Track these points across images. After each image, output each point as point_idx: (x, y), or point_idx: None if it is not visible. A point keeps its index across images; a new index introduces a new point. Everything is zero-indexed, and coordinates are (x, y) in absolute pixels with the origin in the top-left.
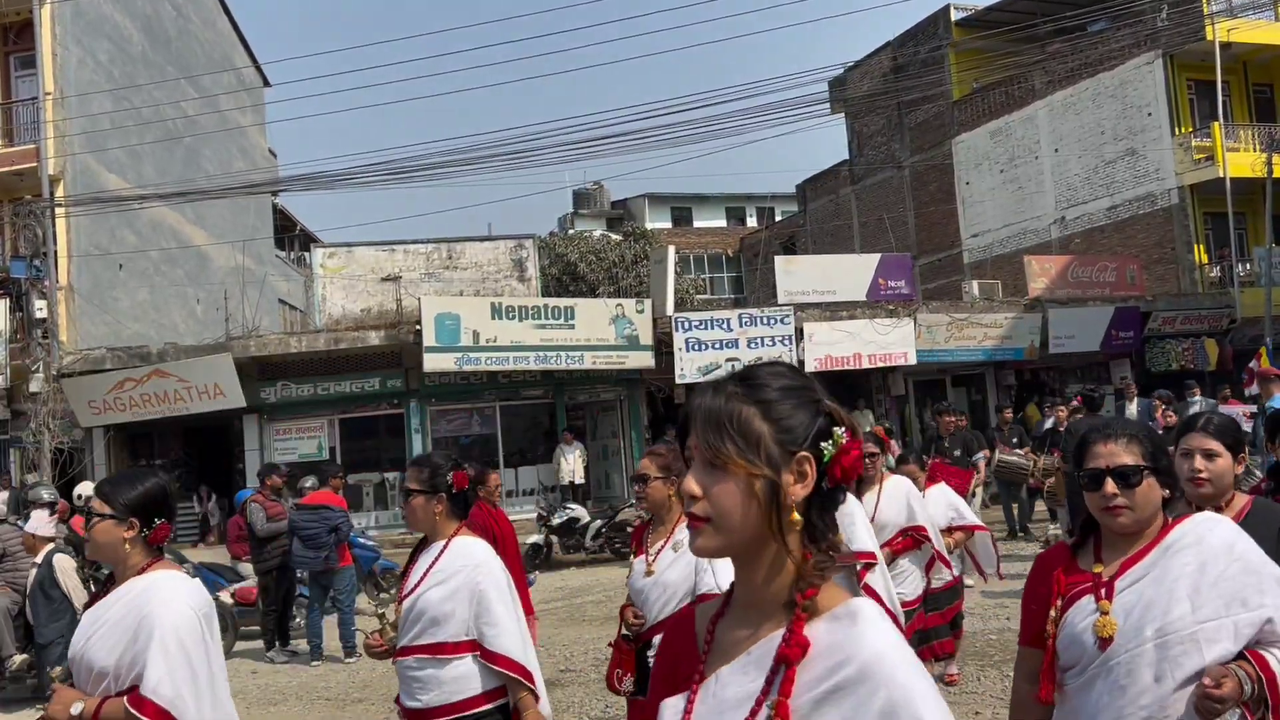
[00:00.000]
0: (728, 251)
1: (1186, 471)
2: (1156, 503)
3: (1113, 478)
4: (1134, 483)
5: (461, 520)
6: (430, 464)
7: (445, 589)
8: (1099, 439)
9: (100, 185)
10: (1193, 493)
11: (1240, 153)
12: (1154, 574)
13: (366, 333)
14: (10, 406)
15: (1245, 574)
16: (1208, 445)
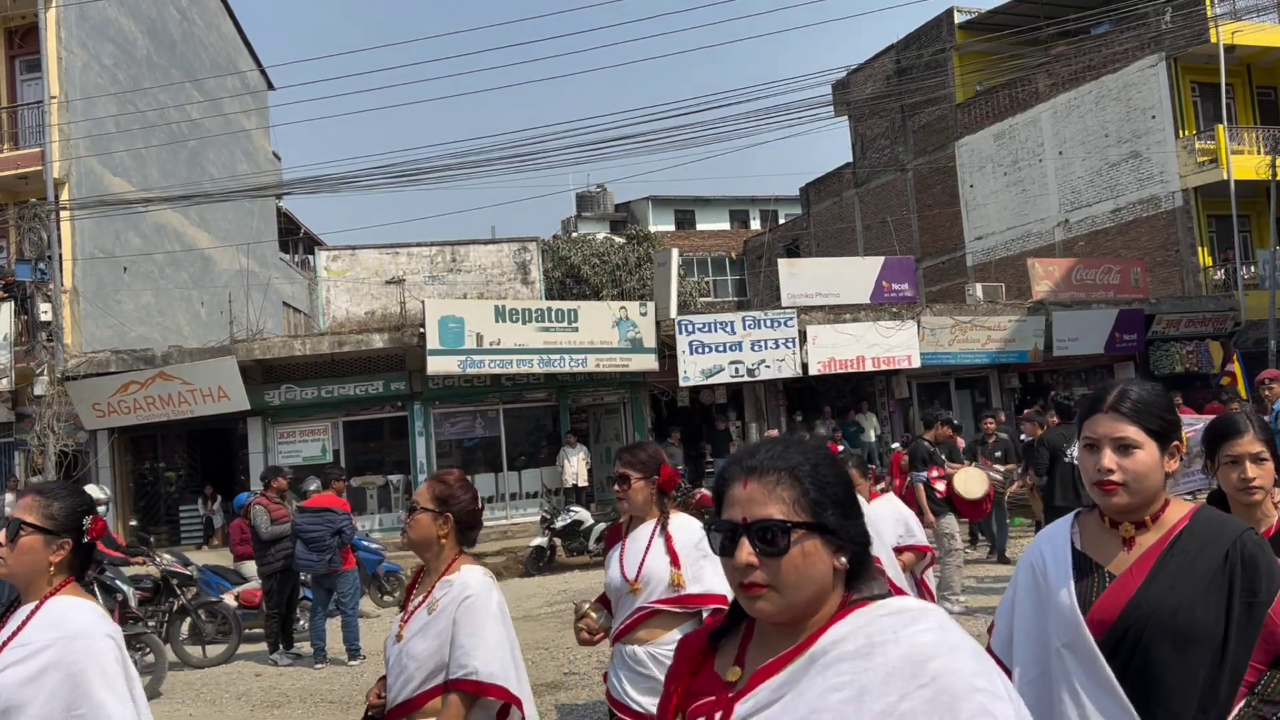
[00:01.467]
0: (731, 254)
1: (1092, 472)
2: (814, 577)
3: (749, 536)
4: (774, 550)
5: None
6: None
7: None
8: (734, 478)
9: (105, 188)
10: (1103, 502)
11: (1244, 155)
12: (787, 699)
13: (370, 335)
14: (15, 409)
15: (935, 711)
16: (1121, 432)
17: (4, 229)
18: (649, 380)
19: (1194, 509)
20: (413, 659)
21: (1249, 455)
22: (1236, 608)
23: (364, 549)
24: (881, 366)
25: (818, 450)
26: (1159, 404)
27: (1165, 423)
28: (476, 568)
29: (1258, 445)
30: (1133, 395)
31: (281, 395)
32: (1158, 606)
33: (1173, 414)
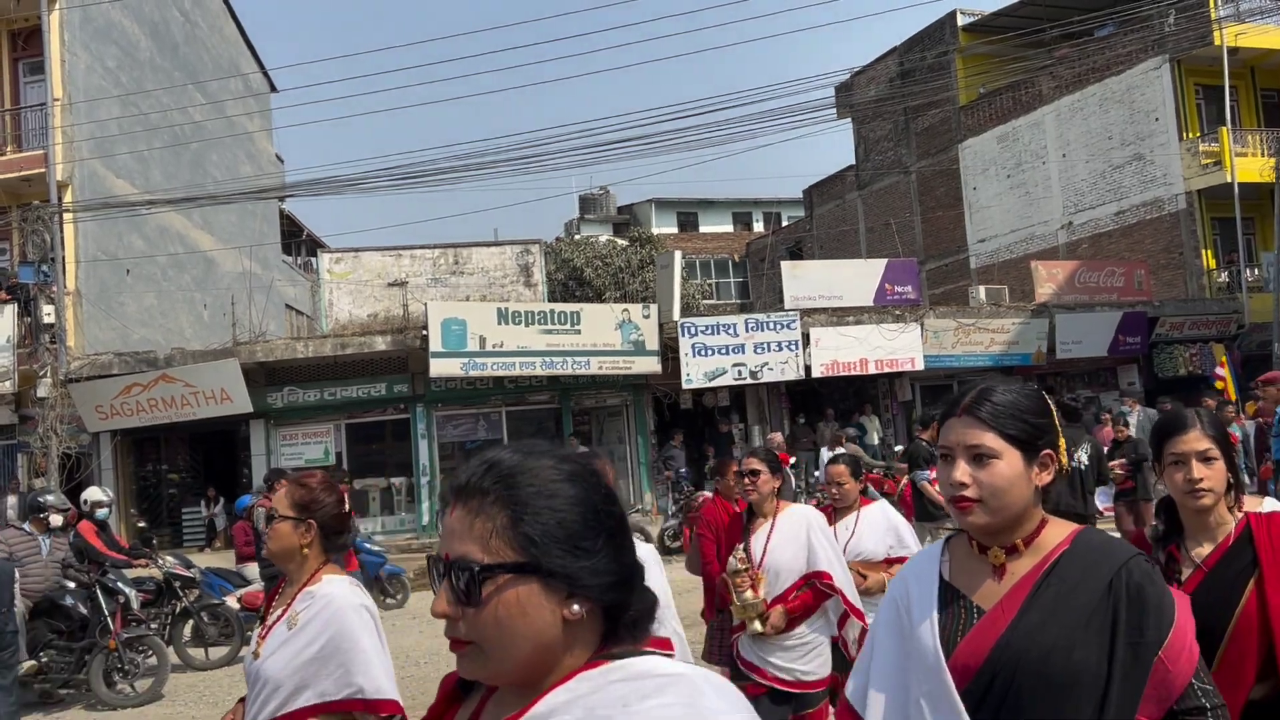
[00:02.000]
0: (734, 256)
1: (945, 486)
2: (526, 633)
3: None
4: (468, 599)
5: None
6: None
7: None
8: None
9: (108, 190)
10: (960, 521)
11: (1248, 158)
12: None
13: (373, 338)
14: (18, 411)
15: None
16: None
17: (7, 231)
18: (652, 383)
19: (1076, 531)
20: (270, 678)
21: (1195, 453)
22: (1120, 649)
23: (367, 552)
24: (884, 369)
25: (559, 463)
26: (1023, 406)
27: (1030, 428)
28: (341, 577)
29: (1205, 442)
30: (992, 397)
31: (284, 397)
32: (1028, 647)
33: (1042, 418)
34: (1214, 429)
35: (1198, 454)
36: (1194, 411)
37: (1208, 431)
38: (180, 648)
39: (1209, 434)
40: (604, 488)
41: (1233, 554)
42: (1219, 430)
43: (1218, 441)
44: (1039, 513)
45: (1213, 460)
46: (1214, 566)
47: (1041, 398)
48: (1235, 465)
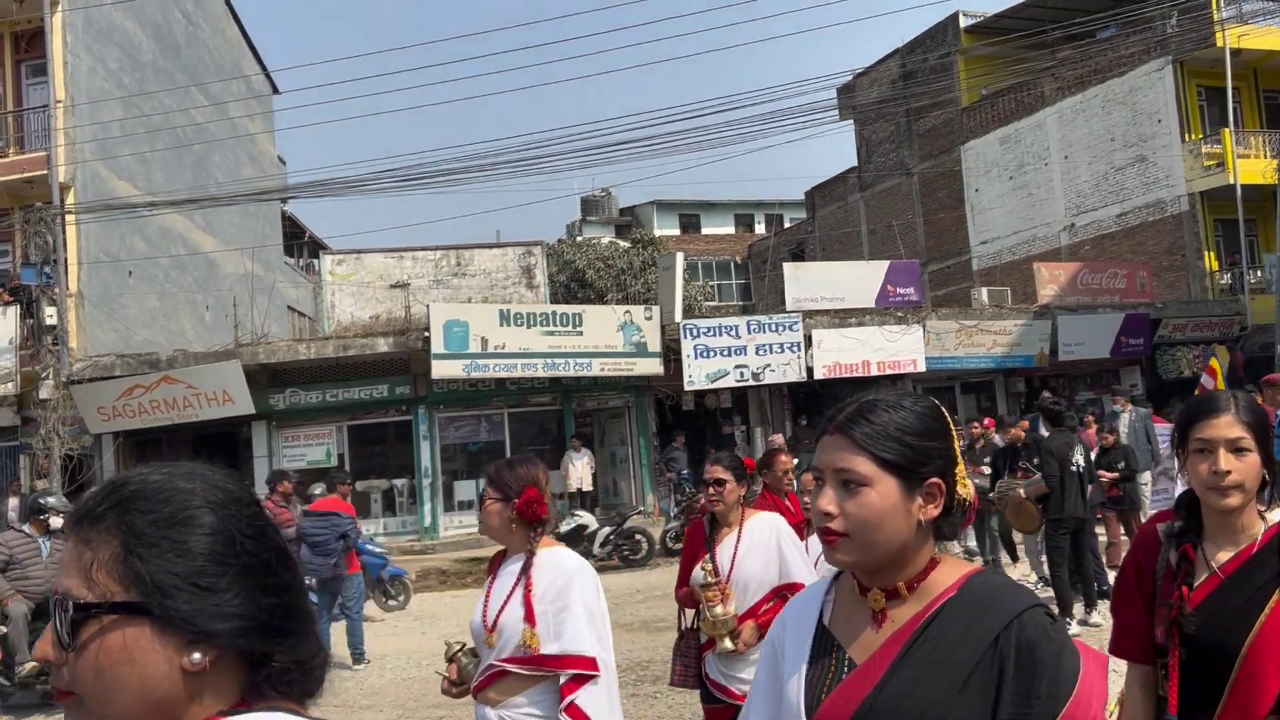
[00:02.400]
0: (736, 258)
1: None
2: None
3: None
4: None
5: None
6: None
7: None
8: None
9: (110, 192)
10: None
11: (1251, 159)
12: None
13: (375, 339)
14: (20, 413)
15: None
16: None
17: (9, 233)
18: (653, 384)
19: (968, 574)
20: None
21: (1224, 441)
22: (1004, 716)
23: (369, 553)
24: (886, 371)
25: (204, 488)
26: (908, 426)
27: (912, 452)
28: None
29: (1238, 430)
30: (871, 414)
31: (286, 399)
32: (895, 709)
33: (930, 440)
34: (1251, 415)
35: (1228, 442)
36: (1230, 394)
37: (1242, 417)
38: None
39: (1244, 420)
40: (253, 519)
41: (1257, 562)
42: (1257, 418)
43: (1254, 430)
44: (927, 551)
45: (1245, 452)
46: (1232, 574)
47: (934, 416)
48: (1274, 461)
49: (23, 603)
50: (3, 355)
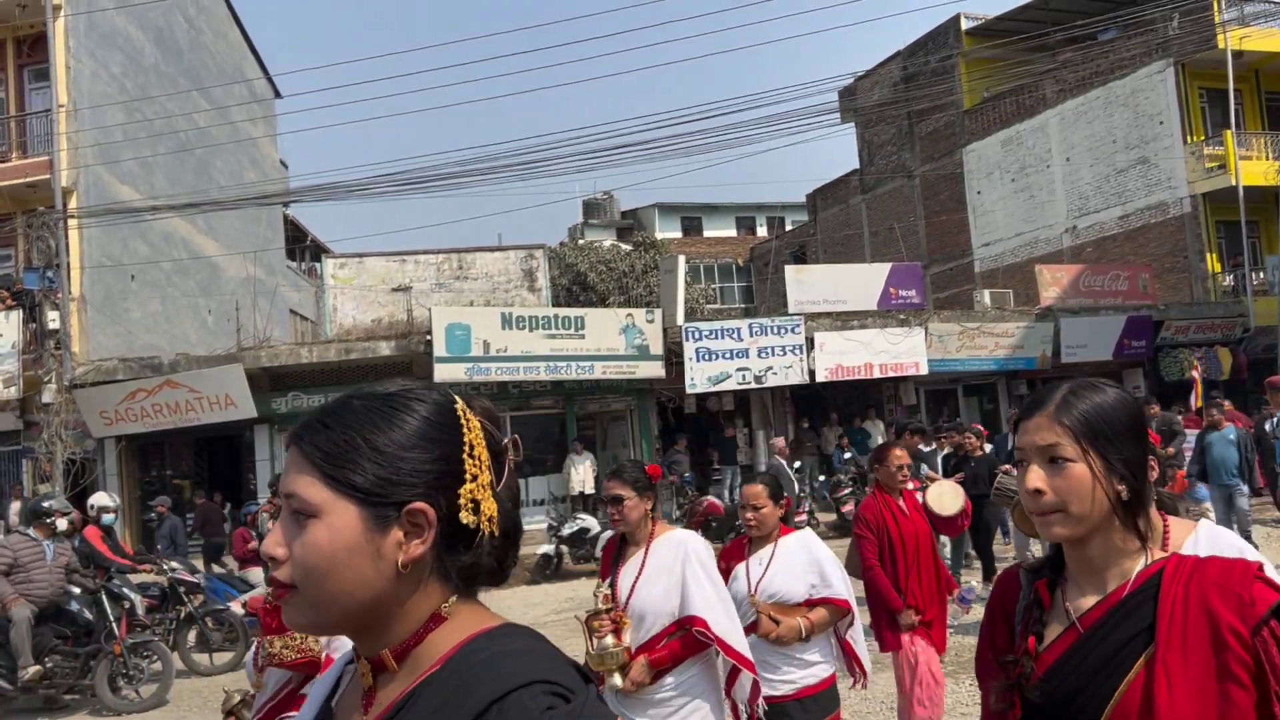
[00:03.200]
0: (738, 261)
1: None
2: None
3: None
4: None
5: None
6: None
7: None
8: None
9: (112, 196)
10: None
11: (1253, 161)
12: None
13: (377, 343)
14: (23, 417)
15: None
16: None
17: (12, 237)
18: (656, 387)
19: (469, 637)
20: None
21: (1035, 450)
22: None
23: None
24: (889, 373)
25: None
26: (376, 441)
27: (380, 469)
28: None
29: (1051, 434)
30: (330, 417)
31: (288, 403)
32: None
33: (409, 449)
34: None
35: (1039, 451)
36: (1066, 386)
37: (1062, 417)
38: (185, 653)
39: (1063, 421)
40: None
41: (1124, 612)
42: (1089, 418)
43: (1078, 434)
44: (425, 605)
45: (1063, 463)
46: (1093, 627)
47: (434, 415)
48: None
49: (26, 606)
50: (5, 359)
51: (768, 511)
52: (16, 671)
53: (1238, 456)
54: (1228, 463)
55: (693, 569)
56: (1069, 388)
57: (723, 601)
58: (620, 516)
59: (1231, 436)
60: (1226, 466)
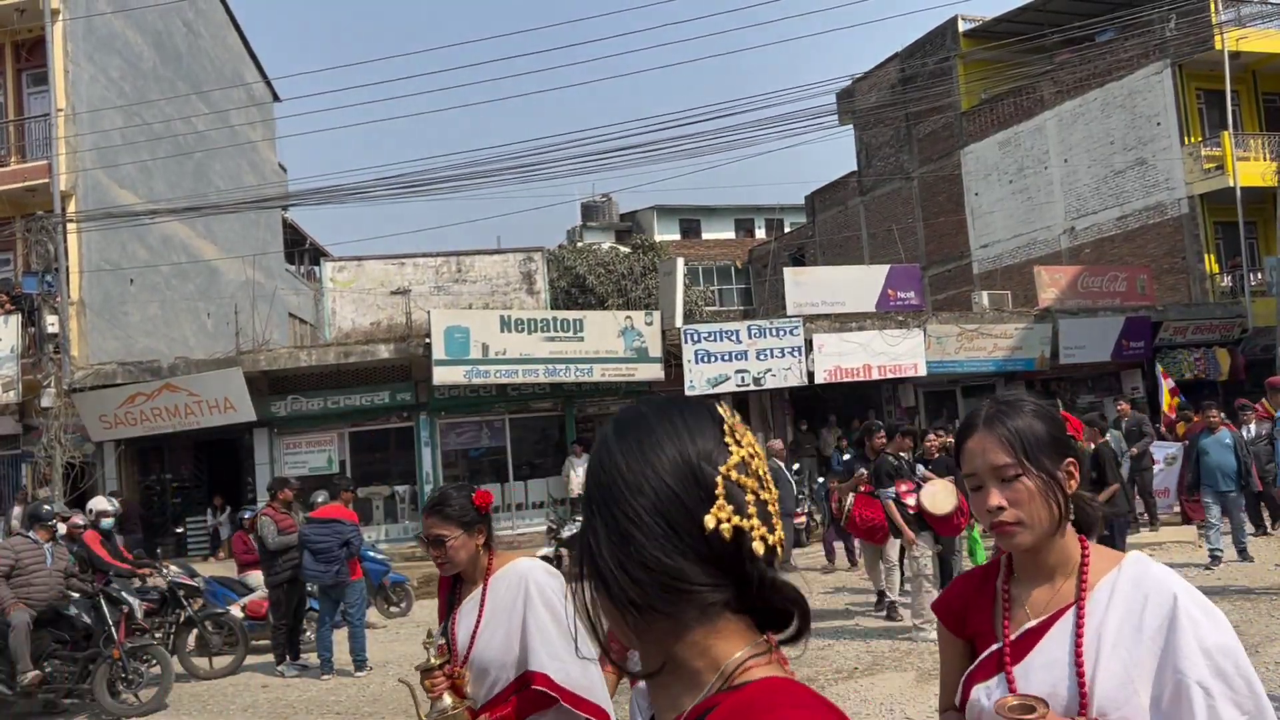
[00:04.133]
0: (736, 263)
1: None
2: None
3: None
4: None
5: None
6: None
7: None
8: None
9: (111, 200)
10: None
11: (1250, 162)
12: None
13: (376, 346)
14: (22, 421)
15: None
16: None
17: (11, 241)
18: (655, 389)
19: None
20: None
21: (988, 470)
22: None
23: (371, 560)
24: (888, 375)
25: None
26: None
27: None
28: None
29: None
30: None
31: (288, 406)
32: None
33: None
34: (1014, 434)
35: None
36: (994, 403)
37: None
38: (184, 657)
39: (1003, 437)
40: None
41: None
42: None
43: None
44: None
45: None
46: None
47: None
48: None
49: (25, 611)
50: (5, 364)
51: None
52: (15, 676)
53: (1235, 462)
54: (1225, 468)
55: (534, 610)
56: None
57: (567, 648)
58: (445, 559)
59: (1228, 441)
60: (1224, 472)
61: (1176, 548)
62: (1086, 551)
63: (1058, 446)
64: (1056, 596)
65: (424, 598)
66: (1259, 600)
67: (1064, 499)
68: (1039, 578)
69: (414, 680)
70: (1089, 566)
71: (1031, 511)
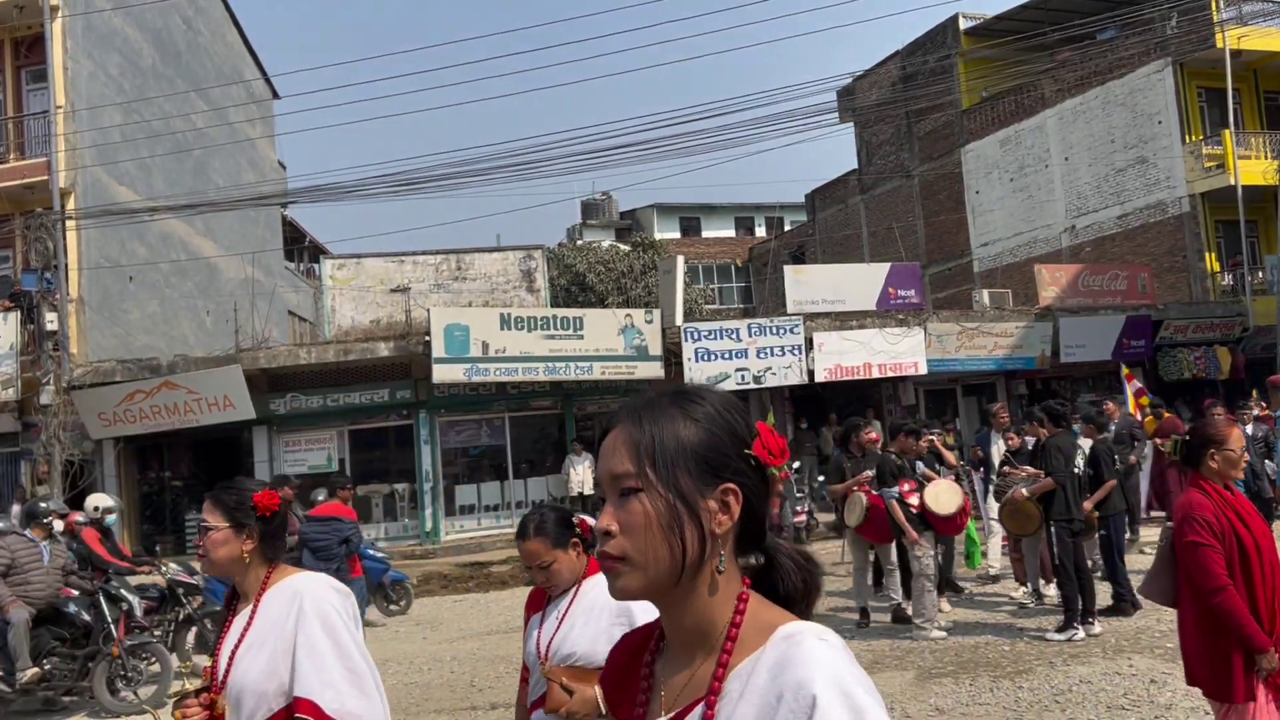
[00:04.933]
0: (736, 261)
1: None
2: None
3: None
4: None
5: None
6: None
7: None
8: None
9: (110, 198)
10: None
11: (1251, 160)
12: None
13: (376, 344)
14: (21, 419)
15: None
16: None
17: (10, 238)
18: (655, 388)
19: None
20: None
21: (606, 479)
22: None
23: (370, 558)
24: (888, 373)
25: None
26: None
27: None
28: None
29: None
30: None
31: (287, 404)
32: None
33: None
34: (654, 435)
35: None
36: (656, 395)
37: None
38: (183, 654)
39: (634, 440)
40: None
41: None
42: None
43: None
44: None
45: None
46: None
47: None
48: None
49: (23, 609)
50: (4, 361)
51: (559, 565)
52: (15, 674)
53: None
54: None
55: (307, 629)
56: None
57: (352, 671)
58: (205, 553)
59: None
60: None
61: None
62: (738, 617)
63: (712, 464)
64: (692, 682)
65: (423, 596)
66: None
67: (700, 537)
68: (680, 651)
69: (164, 713)
70: (734, 640)
71: (644, 545)
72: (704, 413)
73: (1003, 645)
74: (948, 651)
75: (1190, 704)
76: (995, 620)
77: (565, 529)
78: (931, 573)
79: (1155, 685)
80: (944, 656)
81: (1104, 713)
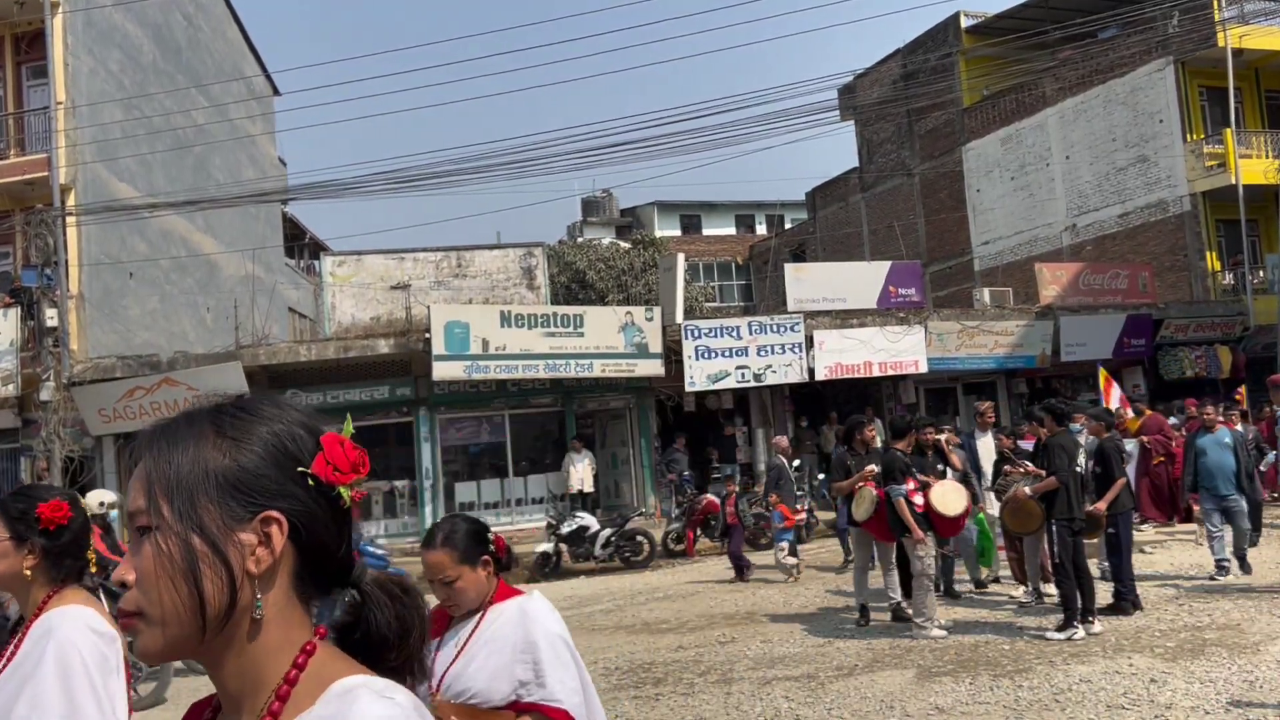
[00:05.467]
0: (737, 259)
1: None
2: None
3: None
4: None
5: None
6: None
7: None
8: None
9: (111, 194)
10: None
11: (1253, 159)
12: None
13: (376, 341)
14: (21, 415)
15: None
16: None
17: (10, 235)
18: (655, 386)
19: None
20: None
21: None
22: None
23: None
24: (888, 372)
25: None
26: None
27: None
28: None
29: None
30: None
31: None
32: None
33: None
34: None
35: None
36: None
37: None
38: None
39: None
40: None
41: None
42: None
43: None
44: None
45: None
46: None
47: None
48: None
49: None
50: (4, 357)
51: (464, 584)
52: None
53: (1234, 463)
54: (1224, 470)
55: (47, 668)
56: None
57: (101, 713)
58: None
59: (1227, 440)
60: (1223, 474)
61: (1178, 545)
62: (294, 673)
63: (249, 489)
64: None
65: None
66: (1259, 599)
67: (228, 579)
68: (232, 715)
69: None
70: (284, 701)
71: (156, 596)
72: (242, 429)
73: (1003, 644)
74: (948, 650)
75: (1190, 704)
76: (995, 619)
77: (477, 544)
78: (932, 572)
79: (1155, 684)
80: (944, 655)
81: (1104, 712)
